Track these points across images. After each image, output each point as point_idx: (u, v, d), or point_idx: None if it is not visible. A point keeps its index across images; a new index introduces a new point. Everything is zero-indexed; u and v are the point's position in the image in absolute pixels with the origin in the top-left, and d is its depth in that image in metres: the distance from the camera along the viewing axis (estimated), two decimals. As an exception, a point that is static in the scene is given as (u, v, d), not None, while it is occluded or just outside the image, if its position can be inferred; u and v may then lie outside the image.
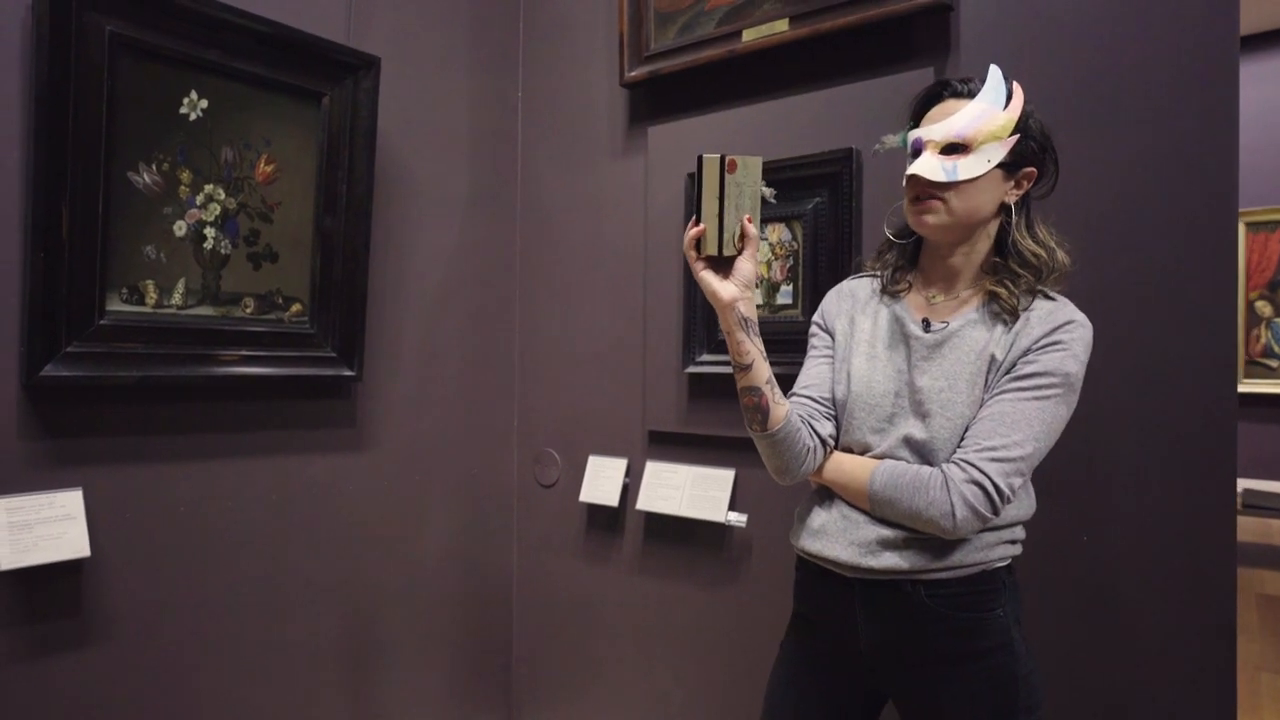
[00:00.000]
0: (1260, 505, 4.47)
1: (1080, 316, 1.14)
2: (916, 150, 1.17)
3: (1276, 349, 5.88)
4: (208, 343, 1.61)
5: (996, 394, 1.11)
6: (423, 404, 2.07)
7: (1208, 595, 1.33)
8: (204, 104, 1.56)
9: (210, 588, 1.66)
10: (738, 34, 1.80)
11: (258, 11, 1.60)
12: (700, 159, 1.11)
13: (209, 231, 1.60)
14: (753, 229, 1.13)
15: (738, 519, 1.81)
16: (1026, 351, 1.11)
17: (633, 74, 1.97)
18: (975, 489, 1.07)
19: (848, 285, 1.35)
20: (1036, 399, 1.09)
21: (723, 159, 1.11)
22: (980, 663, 1.13)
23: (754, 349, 1.16)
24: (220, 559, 1.68)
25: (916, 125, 1.20)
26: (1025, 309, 1.14)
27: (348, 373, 1.84)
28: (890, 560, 1.13)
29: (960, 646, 1.14)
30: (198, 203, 1.58)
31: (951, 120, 1.14)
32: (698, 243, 1.13)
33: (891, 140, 1.25)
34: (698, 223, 1.12)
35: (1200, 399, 1.34)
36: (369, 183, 1.81)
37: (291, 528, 1.80)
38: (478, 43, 2.19)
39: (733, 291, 1.13)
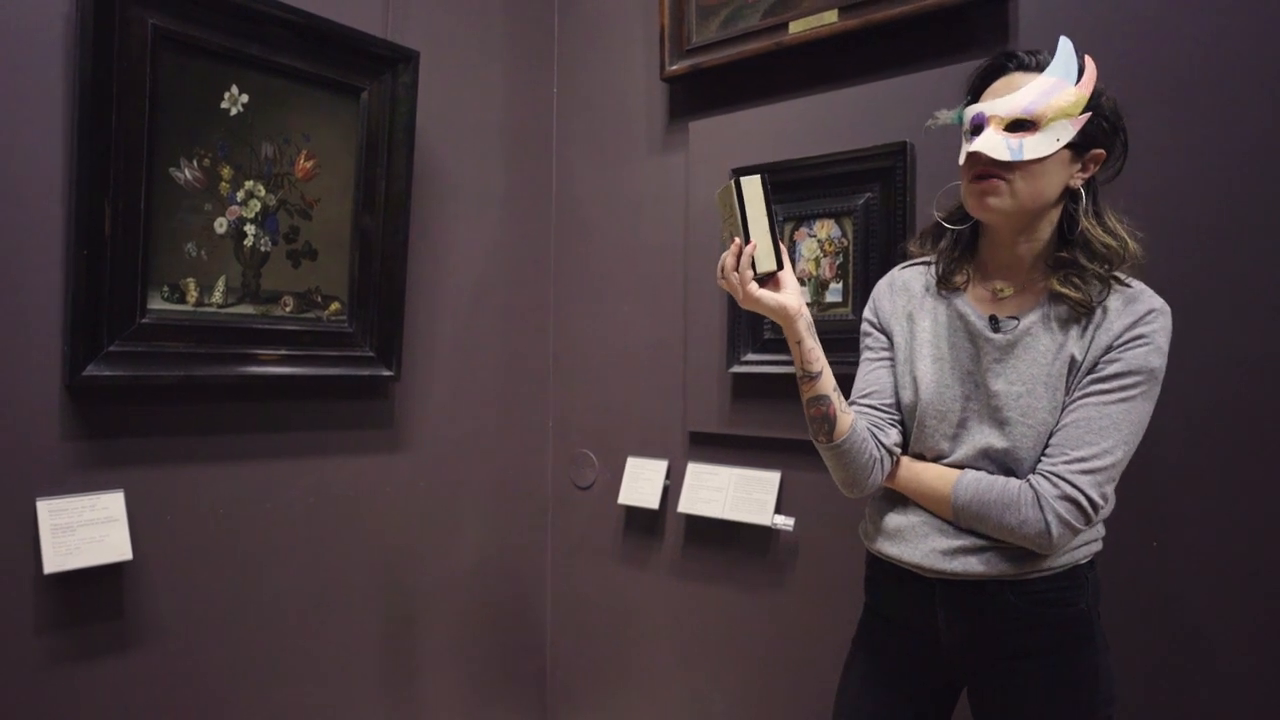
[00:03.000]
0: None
1: (1159, 303, 1.06)
2: (978, 126, 1.07)
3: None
4: (248, 342, 1.58)
5: (1079, 397, 1.06)
6: (459, 404, 2.04)
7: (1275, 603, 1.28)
8: (244, 99, 1.54)
9: (248, 592, 1.63)
10: (784, 26, 1.76)
11: (297, 4, 1.57)
12: (739, 181, 1.12)
13: (249, 228, 1.57)
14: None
15: (785, 522, 1.77)
16: (1108, 349, 1.05)
17: (674, 68, 1.93)
18: (1069, 505, 1.02)
19: (900, 277, 1.26)
20: (1122, 400, 1.03)
21: (764, 177, 1.12)
22: (1062, 655, 1.10)
23: (823, 356, 1.13)
24: (258, 562, 1.65)
25: (975, 100, 1.11)
26: (1100, 302, 1.06)
27: (386, 373, 1.81)
28: (974, 565, 1.09)
29: (1043, 640, 1.10)
30: (238, 199, 1.55)
31: (1019, 95, 1.04)
32: (750, 263, 1.11)
33: (946, 116, 1.16)
34: (747, 241, 1.11)
35: (1272, 398, 1.28)
36: (408, 179, 1.78)
37: (329, 530, 1.77)
38: (514, 37, 2.15)
39: (798, 300, 1.12)
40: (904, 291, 1.24)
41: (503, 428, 2.15)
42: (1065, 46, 1.07)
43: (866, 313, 1.28)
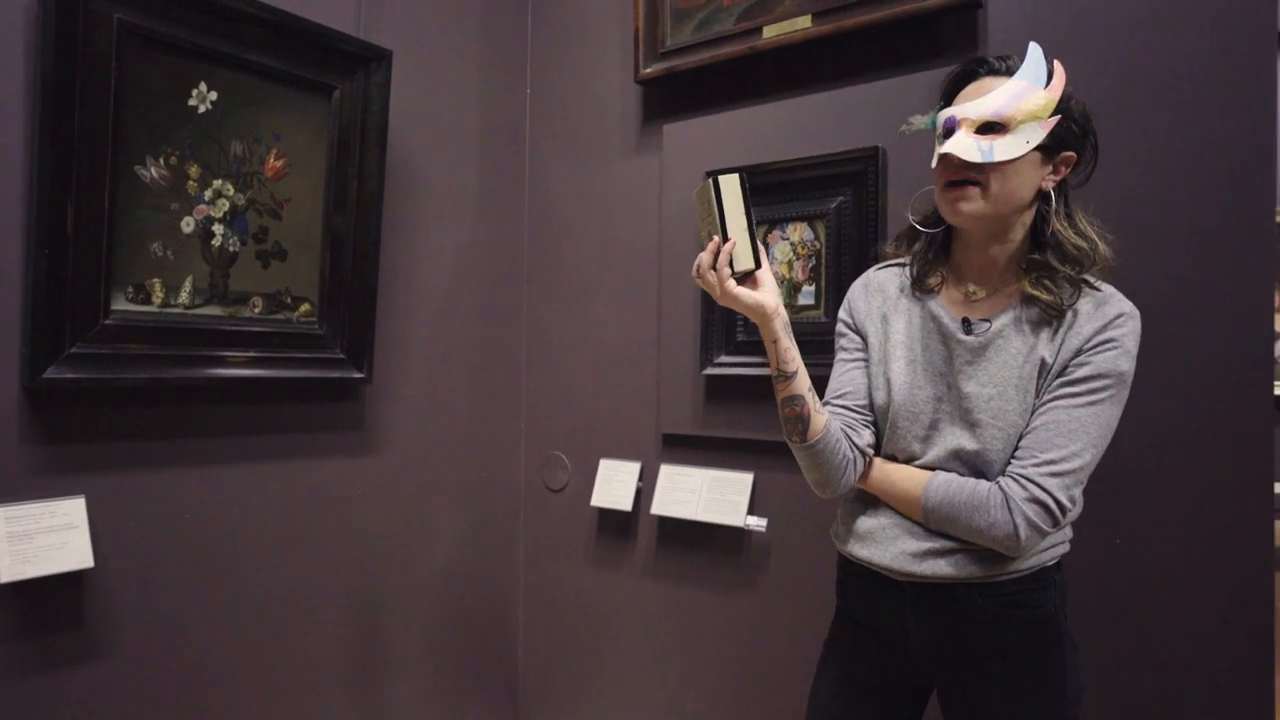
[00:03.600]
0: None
1: (1129, 306, 1.08)
2: (949, 129, 1.08)
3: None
4: (215, 344, 1.55)
5: (1049, 400, 1.07)
6: (431, 406, 2.02)
7: (1244, 599, 1.31)
8: (213, 96, 1.51)
9: (216, 597, 1.60)
10: (758, 30, 1.77)
11: (269, 1, 1.55)
12: (717, 179, 1.11)
13: (217, 228, 1.55)
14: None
15: (757, 523, 1.78)
16: (1078, 352, 1.06)
17: (648, 70, 1.94)
18: (1037, 507, 1.03)
19: (875, 278, 1.27)
20: (1091, 403, 1.05)
21: (742, 175, 1.12)
22: (1030, 656, 1.12)
23: (798, 356, 1.13)
24: (226, 567, 1.62)
25: (948, 105, 1.12)
26: (1071, 304, 1.08)
27: (357, 375, 1.78)
28: (943, 568, 1.11)
29: (1011, 642, 1.12)
30: (206, 198, 1.52)
31: (989, 98, 1.06)
32: (728, 261, 1.11)
33: (920, 121, 1.17)
34: (725, 239, 1.11)
35: (1235, 401, 1.32)
36: (380, 179, 1.76)
37: (298, 534, 1.74)
38: (488, 37, 2.14)
39: (775, 299, 1.13)
40: (879, 292, 1.25)
41: (475, 430, 2.14)
42: (1035, 52, 1.09)
43: (841, 313, 1.29)
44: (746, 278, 1.13)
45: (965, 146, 1.05)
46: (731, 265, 1.11)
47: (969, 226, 1.12)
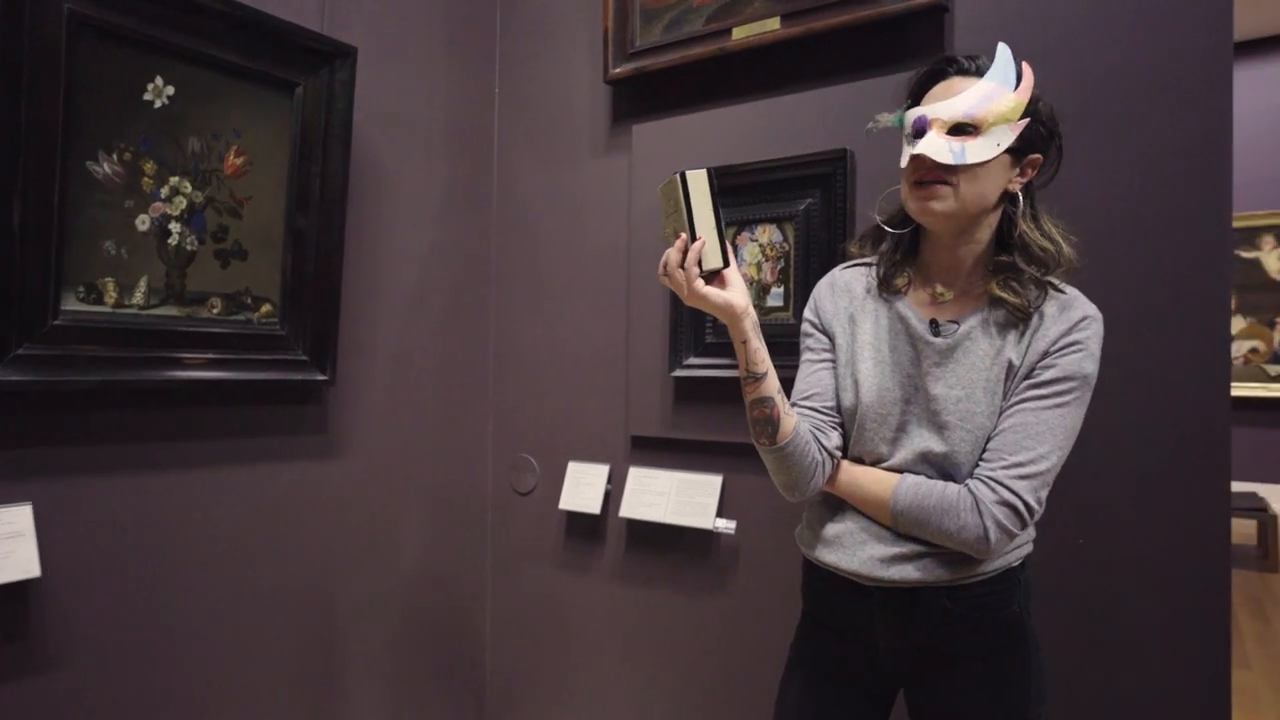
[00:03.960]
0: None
1: (1093, 309, 1.09)
2: (920, 129, 1.07)
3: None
4: (171, 345, 1.51)
5: (1016, 402, 1.07)
6: (396, 409, 1.99)
7: (1202, 596, 1.33)
8: (170, 91, 1.47)
9: (172, 607, 1.56)
10: (727, 32, 1.77)
11: (228, -6, 1.51)
12: (685, 176, 1.08)
13: (174, 226, 1.50)
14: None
15: (726, 526, 1.78)
16: (1044, 355, 1.07)
17: (617, 70, 1.93)
18: (1007, 509, 1.04)
19: (841, 277, 1.26)
20: (1058, 405, 1.05)
21: (710, 172, 1.09)
22: (997, 658, 1.13)
23: (767, 356, 1.12)
24: (183, 576, 1.57)
25: (916, 104, 1.11)
26: (1037, 307, 1.08)
27: (320, 377, 1.75)
28: (911, 573, 1.10)
29: (979, 644, 1.12)
30: (162, 196, 1.48)
31: (960, 99, 1.05)
32: (697, 260, 1.08)
33: (886, 119, 1.15)
34: (693, 238, 1.08)
35: (1194, 402, 1.34)
36: (344, 178, 1.73)
37: (258, 541, 1.70)
38: (456, 35, 2.12)
39: (745, 298, 1.11)
40: (846, 292, 1.24)
41: (441, 433, 2.11)
42: (1004, 53, 1.09)
43: (807, 313, 1.27)
44: (714, 277, 1.11)
45: (938, 148, 1.05)
46: (700, 264, 1.09)
47: (938, 227, 1.12)
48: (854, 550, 1.15)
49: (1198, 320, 1.34)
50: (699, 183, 1.08)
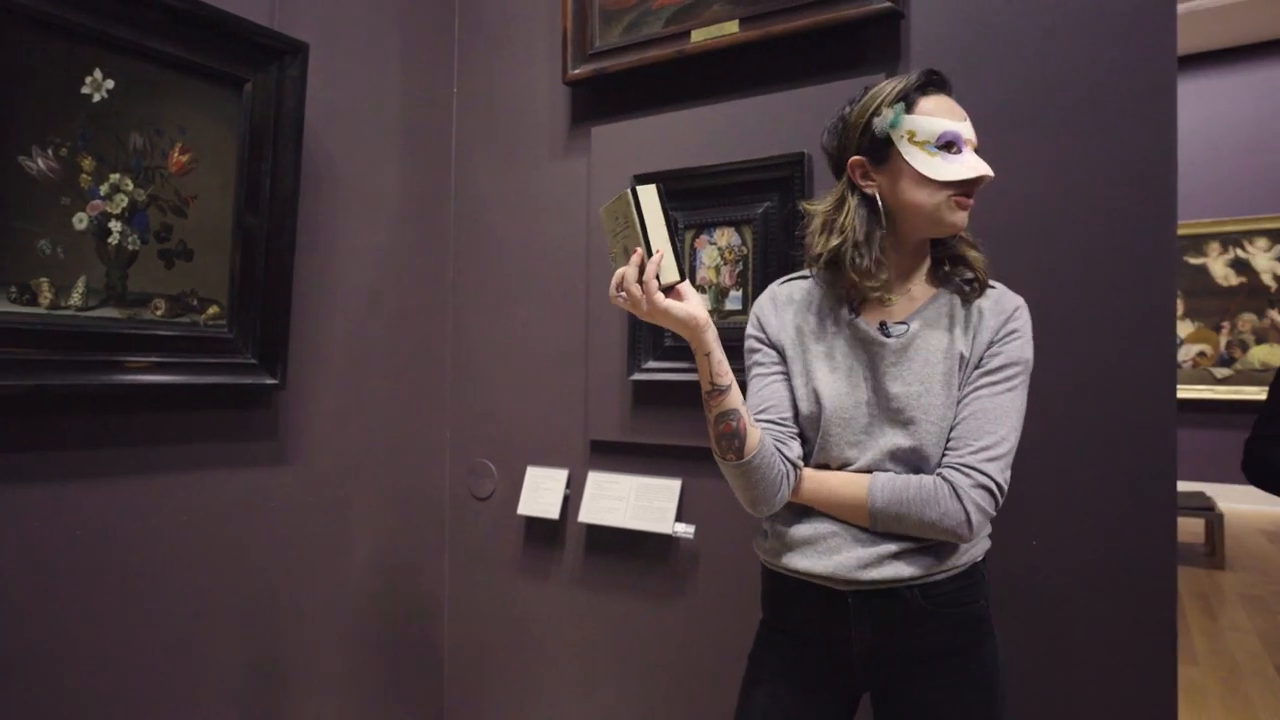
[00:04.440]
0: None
1: (1020, 299, 1.17)
2: (951, 143, 1.10)
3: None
4: (112, 348, 1.46)
5: (972, 391, 1.12)
6: (349, 414, 1.95)
7: (1149, 593, 1.36)
8: (110, 84, 1.42)
9: (114, 620, 1.50)
10: (686, 34, 1.76)
11: (172, -13, 1.47)
12: (635, 191, 1.07)
13: (114, 225, 1.45)
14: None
15: (685, 530, 1.77)
16: (990, 344, 1.13)
17: (576, 72, 1.91)
18: (983, 492, 1.07)
19: (781, 292, 1.26)
20: (1009, 390, 1.11)
21: (659, 186, 1.08)
22: (965, 655, 1.15)
23: (729, 369, 1.11)
24: (126, 587, 1.52)
25: (909, 109, 1.11)
26: (974, 300, 1.16)
27: (270, 381, 1.70)
28: (888, 572, 1.11)
29: (948, 641, 1.14)
30: (102, 193, 1.43)
31: (969, 124, 1.14)
32: (656, 274, 1.06)
33: (891, 114, 1.12)
34: (650, 253, 1.06)
35: (1141, 404, 1.37)
36: (295, 176, 1.69)
37: (205, 550, 1.65)
38: (412, 34, 2.08)
39: (704, 311, 1.10)
40: (789, 305, 1.24)
41: (397, 437, 2.07)
42: None
43: (751, 329, 1.26)
44: (669, 291, 1.09)
45: (984, 166, 1.11)
46: (658, 278, 1.07)
47: (956, 234, 1.17)
48: (829, 554, 1.14)
49: (1145, 324, 1.37)
50: (649, 197, 1.07)
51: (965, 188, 1.12)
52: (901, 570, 1.11)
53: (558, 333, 2.01)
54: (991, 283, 1.18)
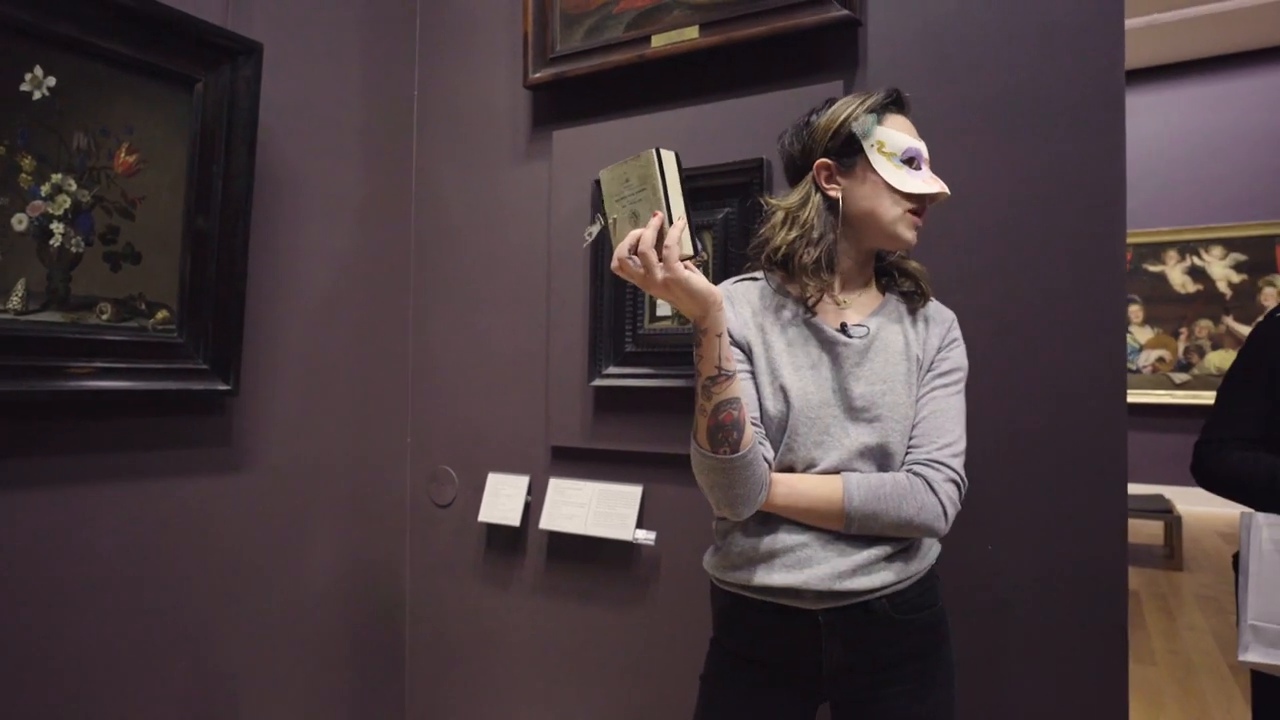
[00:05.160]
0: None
1: (951, 312, 1.26)
2: (912, 159, 1.17)
3: (1129, 362, 6.41)
4: (54, 353, 1.42)
5: (928, 392, 1.16)
6: (306, 420, 1.91)
7: (1100, 593, 1.37)
8: (51, 82, 1.38)
9: (55, 634, 1.45)
10: (647, 39, 1.76)
11: (119, -17, 1.43)
12: (660, 152, 0.99)
13: (56, 227, 1.41)
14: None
15: (646, 537, 1.76)
16: (938, 350, 1.19)
17: (537, 75, 1.90)
18: (953, 486, 1.12)
19: (734, 290, 1.23)
20: (957, 393, 1.18)
21: (677, 156, 1.01)
22: (926, 660, 1.16)
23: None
24: (71, 600, 1.47)
25: (879, 120, 1.16)
26: (918, 308, 1.24)
27: (221, 386, 1.67)
28: (865, 581, 1.11)
29: (911, 647, 1.15)
30: (43, 194, 1.39)
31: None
32: (678, 240, 0.99)
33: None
34: (671, 220, 0.99)
35: (1092, 409, 1.39)
36: (249, 178, 1.66)
37: (154, 560, 1.61)
38: (372, 35, 2.06)
39: (716, 288, 1.03)
40: (746, 304, 1.22)
41: (357, 444, 2.03)
42: None
43: None
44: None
45: (943, 185, 1.18)
46: (682, 248, 0.99)
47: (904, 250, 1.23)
48: (800, 567, 1.11)
49: (1097, 332, 1.39)
50: (673, 163, 1.00)
51: (922, 203, 1.18)
52: (875, 580, 1.11)
53: (519, 338, 2.00)
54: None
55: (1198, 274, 6.25)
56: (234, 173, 1.65)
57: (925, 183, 1.16)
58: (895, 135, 1.16)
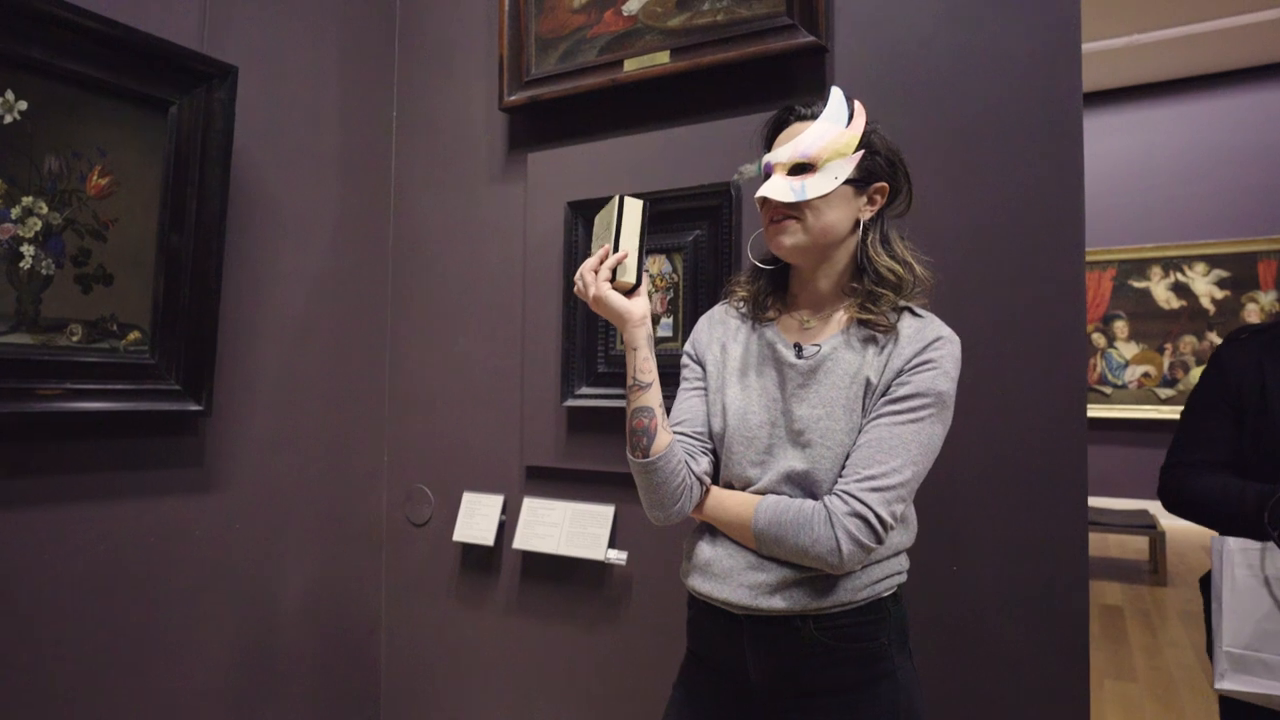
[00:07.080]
0: (1096, 521, 4.85)
1: (948, 332, 1.13)
2: (767, 174, 1.18)
3: (1110, 377, 6.44)
4: (23, 375, 1.42)
5: (873, 419, 1.09)
6: (282, 440, 1.92)
7: (1062, 605, 1.39)
8: (22, 106, 1.40)
9: (26, 660, 1.45)
10: (619, 63, 1.78)
11: (94, 8, 1.45)
12: (622, 199, 1.16)
13: (26, 249, 1.42)
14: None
15: (618, 557, 1.76)
16: (899, 373, 1.10)
17: (512, 98, 1.92)
18: (858, 521, 1.04)
19: (719, 311, 1.30)
20: (913, 421, 1.07)
21: (646, 203, 1.17)
22: (864, 693, 1.11)
23: (655, 369, 1.15)
24: (39, 623, 1.47)
25: (769, 150, 1.22)
26: (894, 324, 1.13)
27: (194, 407, 1.67)
28: (780, 602, 1.10)
29: (845, 677, 1.12)
30: (13, 216, 1.40)
31: (796, 141, 1.14)
32: (612, 267, 1.14)
33: (749, 169, 1.27)
34: (615, 249, 1.15)
35: (1053, 427, 1.40)
36: (223, 200, 1.67)
37: (126, 582, 1.61)
38: (349, 58, 2.08)
39: (645, 307, 1.16)
40: (721, 324, 1.28)
41: (333, 464, 2.04)
42: (836, 95, 1.17)
43: (686, 346, 1.31)
44: (628, 291, 1.16)
45: (779, 188, 1.14)
46: (614, 275, 1.15)
47: (793, 259, 1.19)
48: (724, 578, 1.15)
49: (1057, 349, 1.41)
50: (633, 207, 1.16)
51: (765, 213, 1.18)
52: (794, 602, 1.10)
53: (495, 358, 2.01)
54: (921, 312, 1.16)
55: (1182, 290, 6.30)
56: (208, 194, 1.66)
57: (759, 192, 1.17)
58: (764, 159, 1.19)
